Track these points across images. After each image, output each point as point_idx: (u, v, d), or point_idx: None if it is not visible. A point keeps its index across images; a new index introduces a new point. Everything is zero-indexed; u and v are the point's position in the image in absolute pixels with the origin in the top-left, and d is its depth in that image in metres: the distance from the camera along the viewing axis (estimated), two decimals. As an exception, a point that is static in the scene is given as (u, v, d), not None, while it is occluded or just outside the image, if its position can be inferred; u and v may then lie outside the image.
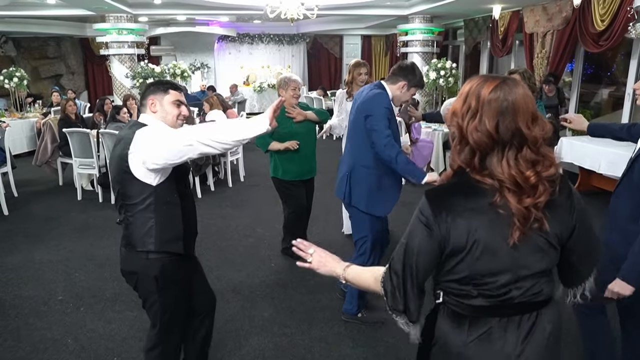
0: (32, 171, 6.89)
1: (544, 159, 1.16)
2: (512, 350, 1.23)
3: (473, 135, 1.14)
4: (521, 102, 1.14)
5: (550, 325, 1.27)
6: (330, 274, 1.43)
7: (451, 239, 1.18)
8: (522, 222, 1.14)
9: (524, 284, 1.22)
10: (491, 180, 1.15)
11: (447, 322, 1.28)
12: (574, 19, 6.73)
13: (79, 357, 2.77)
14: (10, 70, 8.74)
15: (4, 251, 4.30)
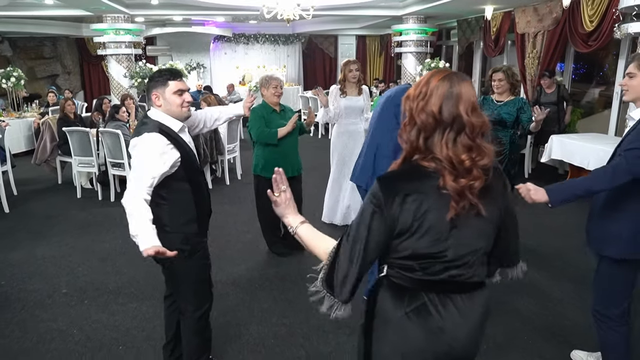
0: (31, 170, 6.96)
1: (479, 148, 1.28)
2: (445, 324, 1.34)
3: (420, 115, 1.29)
4: (464, 93, 1.28)
5: (482, 306, 1.41)
6: (283, 217, 1.48)
7: (400, 220, 1.29)
8: (456, 200, 1.26)
9: (462, 264, 1.34)
10: (434, 165, 1.28)
11: (388, 295, 1.38)
12: (563, 19, 6.88)
13: (85, 347, 2.87)
14: (7, 70, 8.78)
15: (6, 247, 4.38)
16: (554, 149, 6.09)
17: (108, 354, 2.80)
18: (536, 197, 2.02)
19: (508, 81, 3.83)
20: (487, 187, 1.31)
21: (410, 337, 1.35)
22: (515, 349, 2.82)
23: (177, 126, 2.17)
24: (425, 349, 1.35)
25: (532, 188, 2.03)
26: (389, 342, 1.38)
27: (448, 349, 1.35)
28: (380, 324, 1.40)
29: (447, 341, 1.35)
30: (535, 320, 3.11)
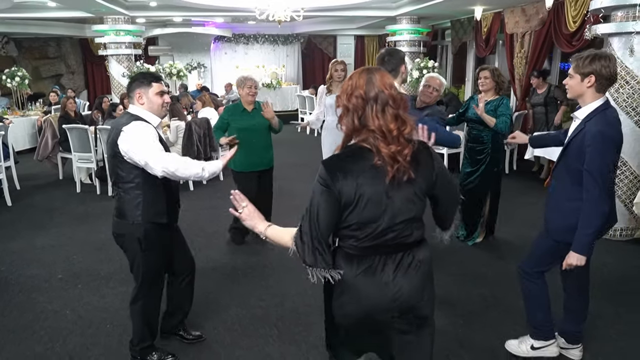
0: (33, 166, 7.24)
1: (403, 119, 1.55)
2: (389, 279, 1.61)
3: (351, 100, 1.55)
4: (381, 77, 1.57)
5: (421, 261, 1.66)
6: (253, 228, 1.75)
7: (344, 195, 1.54)
8: (391, 164, 1.50)
9: (398, 228, 1.59)
10: (371, 140, 1.53)
11: (341, 261, 1.64)
12: (549, 20, 7.06)
13: (75, 325, 3.12)
14: (12, 70, 9.08)
15: (6, 237, 4.65)
16: (536, 145, 6.28)
17: (96, 330, 3.04)
18: (581, 262, 2.27)
19: (493, 79, 4.01)
20: (415, 156, 1.56)
21: (362, 292, 1.62)
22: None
23: (155, 122, 2.42)
24: (375, 300, 1.62)
25: (571, 261, 2.29)
26: (345, 299, 1.65)
27: (394, 298, 1.62)
28: (337, 286, 1.64)
29: (393, 292, 1.61)
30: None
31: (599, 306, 3.25)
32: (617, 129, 2.23)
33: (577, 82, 2.25)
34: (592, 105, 2.26)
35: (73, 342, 2.93)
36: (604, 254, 4.15)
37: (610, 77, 2.20)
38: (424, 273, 1.67)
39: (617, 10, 4.27)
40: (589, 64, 2.19)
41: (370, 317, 1.65)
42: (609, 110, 2.25)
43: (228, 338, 2.95)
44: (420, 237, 1.68)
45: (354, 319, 1.67)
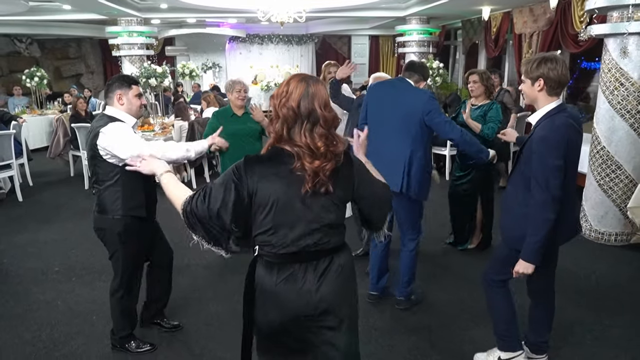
0: (47, 163, 7.53)
1: (333, 138, 1.57)
2: (311, 286, 1.62)
3: (282, 110, 1.55)
4: (318, 92, 1.56)
5: (342, 266, 1.68)
6: (151, 172, 1.88)
7: (257, 197, 1.56)
8: (312, 177, 1.53)
9: (315, 235, 1.60)
10: (296, 149, 1.53)
11: (262, 269, 1.65)
12: (556, 20, 6.97)
13: (64, 315, 3.27)
14: (31, 70, 9.43)
15: (13, 231, 4.88)
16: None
17: (83, 321, 3.19)
18: (528, 270, 2.25)
19: (482, 84, 3.95)
20: (337, 170, 1.58)
21: (283, 300, 1.63)
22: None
23: (131, 122, 2.55)
24: (298, 307, 1.63)
25: (519, 269, 2.26)
26: (268, 307, 1.65)
27: (316, 306, 1.63)
28: (259, 294, 1.66)
29: (316, 299, 1.62)
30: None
31: (581, 312, 3.26)
32: (564, 133, 2.15)
33: (529, 86, 2.24)
34: (543, 110, 2.24)
35: (59, 331, 3.08)
36: (596, 260, 4.12)
37: (559, 79, 2.17)
38: (344, 277, 1.69)
39: (612, 10, 4.21)
40: (536, 68, 2.18)
41: (294, 323, 1.65)
42: (559, 115, 2.19)
43: (204, 331, 3.06)
44: (340, 243, 1.69)
45: (278, 326, 1.66)
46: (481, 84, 3.96)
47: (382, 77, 3.64)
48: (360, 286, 3.36)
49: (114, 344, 2.84)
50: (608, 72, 4.34)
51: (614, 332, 3.04)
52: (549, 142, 2.13)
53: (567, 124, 2.18)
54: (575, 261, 4.05)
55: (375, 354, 2.83)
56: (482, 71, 4.12)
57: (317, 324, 1.66)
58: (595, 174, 4.51)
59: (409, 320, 3.19)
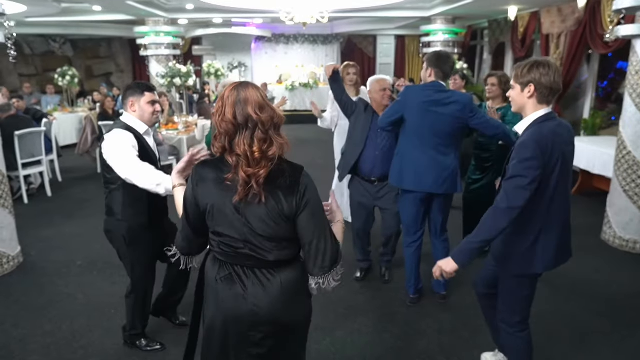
0: (76, 159, 7.77)
1: (270, 140, 1.54)
2: (244, 292, 1.62)
3: (222, 125, 1.55)
4: (250, 96, 1.54)
5: (284, 282, 1.63)
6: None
7: (200, 199, 1.61)
8: (242, 186, 1.52)
9: (253, 244, 1.59)
10: (232, 160, 1.54)
11: (209, 262, 1.73)
12: (585, 20, 6.78)
13: (84, 308, 3.39)
14: (63, 70, 9.74)
15: (41, 225, 5.07)
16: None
17: (101, 314, 3.30)
18: (448, 268, 2.10)
19: (500, 87, 3.90)
20: (274, 181, 1.55)
21: (222, 298, 1.66)
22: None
23: (142, 129, 2.61)
24: (234, 309, 1.64)
25: (441, 264, 2.13)
26: (211, 302, 1.71)
27: (253, 312, 1.62)
28: (206, 287, 1.73)
29: (250, 306, 1.62)
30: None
31: (598, 322, 3.19)
32: (549, 142, 1.98)
33: (518, 92, 2.09)
34: (530, 118, 2.08)
35: (79, 323, 3.19)
36: (617, 268, 4.01)
37: (551, 86, 2.01)
38: (286, 290, 1.64)
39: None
40: (527, 73, 2.03)
41: (230, 325, 1.66)
42: (548, 123, 2.03)
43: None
44: (285, 258, 1.65)
45: (216, 323, 1.68)
46: (499, 87, 3.93)
47: (384, 80, 3.52)
48: (383, 296, 3.34)
49: (125, 340, 2.93)
50: (635, 74, 4.22)
51: (632, 344, 2.96)
52: (526, 148, 1.98)
53: (555, 132, 2.01)
54: (596, 268, 3.96)
55: (383, 357, 2.84)
56: (502, 74, 4.07)
57: (252, 331, 1.65)
58: (621, 179, 4.38)
59: (420, 323, 3.18)
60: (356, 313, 3.30)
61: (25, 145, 5.74)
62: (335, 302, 3.43)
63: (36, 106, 8.58)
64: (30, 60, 12.12)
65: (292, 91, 13.38)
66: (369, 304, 3.44)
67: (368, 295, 3.56)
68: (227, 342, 1.69)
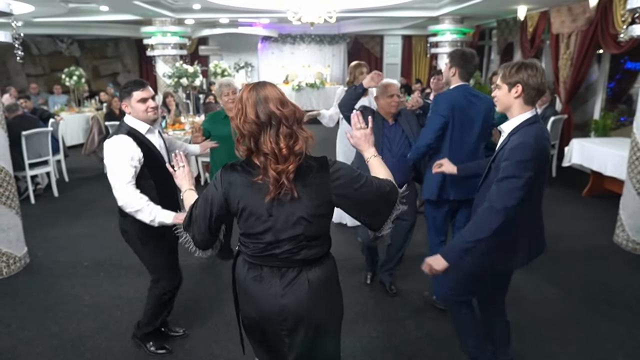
0: (83, 160, 7.77)
1: (295, 135, 1.55)
2: (275, 292, 1.65)
3: (245, 127, 1.55)
4: (269, 94, 1.55)
5: (312, 280, 1.66)
6: (181, 187, 2.03)
7: (230, 202, 1.63)
8: (274, 184, 1.53)
9: (283, 245, 1.62)
10: (259, 160, 1.55)
11: (240, 264, 1.75)
12: (596, 20, 6.69)
13: (91, 309, 3.36)
14: (70, 70, 9.75)
15: (47, 225, 5.06)
16: (574, 153, 5.99)
17: (108, 316, 3.27)
18: (438, 266, 2.10)
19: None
20: (305, 175, 1.56)
21: (252, 297, 1.70)
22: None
23: (144, 129, 2.54)
24: (264, 308, 1.68)
25: (430, 261, 2.12)
26: (242, 299, 1.77)
27: (280, 311, 1.66)
28: (237, 285, 1.78)
29: (279, 305, 1.65)
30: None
31: (612, 326, 3.12)
32: (541, 144, 2.04)
33: (505, 92, 2.10)
34: (520, 118, 2.09)
35: (85, 325, 3.16)
36: (631, 272, 3.94)
37: (538, 87, 2.04)
38: (315, 291, 1.67)
39: (656, 10, 4.00)
40: (515, 73, 2.05)
41: (264, 321, 1.71)
42: (535, 125, 2.07)
43: (224, 332, 3.08)
44: (314, 256, 1.67)
45: (252, 319, 1.74)
46: None
47: (392, 85, 3.27)
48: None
49: (135, 334, 2.90)
50: (650, 74, 4.13)
51: (648, 350, 2.89)
52: (526, 150, 1.99)
53: (543, 137, 2.06)
54: (609, 272, 3.89)
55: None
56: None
57: (283, 328, 1.69)
58: (635, 181, 4.30)
59: (431, 329, 3.12)
60: (366, 318, 3.25)
61: (32, 145, 5.74)
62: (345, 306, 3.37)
63: (43, 106, 8.59)
64: (37, 60, 12.15)
65: (299, 91, 13.35)
66: (378, 308, 3.38)
67: (378, 299, 3.50)
68: (266, 337, 1.76)
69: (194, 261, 3.94)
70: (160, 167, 2.56)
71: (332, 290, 1.75)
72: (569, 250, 4.32)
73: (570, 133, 7.35)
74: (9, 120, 5.48)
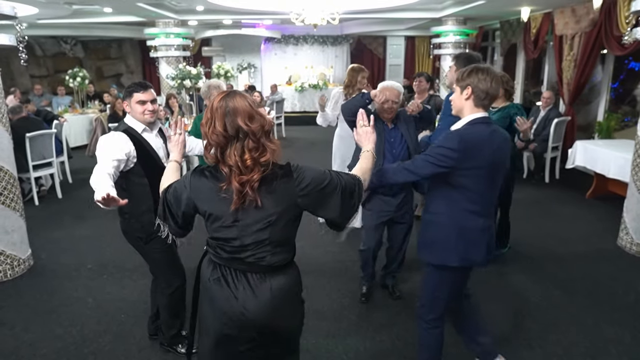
0: (86, 161, 7.77)
1: (263, 147, 1.57)
2: (237, 294, 1.66)
3: (212, 137, 1.56)
4: (239, 106, 1.55)
5: (275, 288, 1.67)
6: (170, 152, 2.08)
7: (200, 207, 1.66)
8: (237, 195, 1.56)
9: (248, 249, 1.64)
10: (225, 170, 1.58)
11: (205, 264, 1.77)
12: (600, 21, 6.68)
13: (94, 312, 3.37)
14: (74, 71, 9.79)
15: (51, 227, 5.07)
16: (577, 155, 5.97)
17: (111, 319, 3.27)
18: None
19: (502, 87, 3.86)
20: (270, 182, 1.59)
21: (214, 298, 1.71)
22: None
23: (140, 128, 2.56)
24: (224, 310, 1.68)
25: None
26: (205, 301, 1.76)
27: (241, 314, 1.66)
28: (201, 285, 1.79)
29: (240, 308, 1.66)
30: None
31: (617, 331, 3.11)
32: (480, 144, 2.09)
33: (457, 94, 2.20)
34: (467, 118, 2.18)
35: (89, 328, 3.17)
36: (636, 275, 3.92)
37: (487, 91, 2.12)
38: (276, 296, 1.67)
39: (660, 13, 3.98)
40: (467, 77, 2.15)
41: (223, 325, 1.69)
42: (481, 126, 2.14)
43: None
44: (278, 263, 1.68)
45: (211, 322, 1.73)
46: (501, 87, 3.86)
47: (391, 90, 3.19)
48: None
49: (163, 343, 2.89)
50: (654, 77, 4.11)
51: (653, 354, 2.88)
52: (452, 139, 2.09)
53: (486, 137, 2.11)
54: (613, 276, 3.87)
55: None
56: (502, 74, 4.02)
57: (242, 333, 1.69)
58: (639, 184, 4.29)
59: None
60: (369, 321, 3.25)
61: (36, 147, 5.76)
62: (347, 308, 3.38)
63: (47, 107, 8.62)
64: (41, 61, 12.19)
65: (302, 92, 13.34)
66: (381, 311, 3.38)
67: (381, 302, 3.50)
68: (219, 340, 1.73)
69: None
70: (154, 165, 2.56)
71: (293, 299, 1.76)
72: (572, 253, 4.31)
73: (573, 135, 7.33)
74: (13, 122, 5.49)
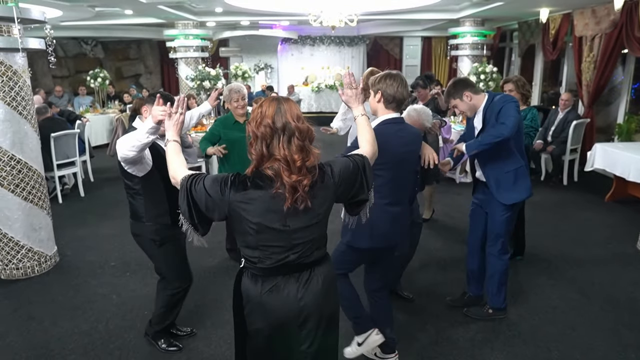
0: (107, 160, 7.92)
1: (308, 151, 1.64)
2: (294, 296, 1.73)
3: (259, 129, 1.63)
4: (289, 108, 1.66)
5: (322, 276, 1.79)
6: (167, 130, 1.92)
7: (241, 216, 1.63)
8: (290, 192, 1.60)
9: (297, 251, 1.71)
10: (275, 167, 1.59)
11: (247, 281, 1.77)
12: (621, 22, 6.60)
13: (119, 308, 3.47)
14: (95, 72, 9.98)
15: (75, 225, 5.21)
16: (597, 157, 5.91)
17: (135, 316, 3.37)
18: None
19: (518, 91, 3.85)
20: (315, 184, 1.66)
21: (268, 309, 1.74)
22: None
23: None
24: (282, 314, 1.74)
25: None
26: (255, 315, 1.78)
27: (301, 311, 1.75)
28: (246, 304, 1.79)
29: (299, 306, 1.74)
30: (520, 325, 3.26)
31: (636, 336, 3.09)
32: (383, 139, 2.14)
33: (372, 97, 2.46)
34: (380, 119, 2.44)
35: (114, 323, 3.27)
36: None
37: (394, 95, 2.38)
38: (325, 283, 1.79)
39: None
40: (377, 82, 2.41)
41: (279, 331, 1.76)
42: (390, 125, 2.40)
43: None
44: (321, 255, 1.81)
45: (265, 334, 1.78)
46: (517, 92, 3.86)
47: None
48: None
49: (147, 333, 3.01)
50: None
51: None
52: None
53: (393, 134, 2.38)
54: (633, 281, 3.85)
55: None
56: (517, 78, 4.02)
57: (302, 329, 1.78)
58: (659, 188, 4.25)
59: (450, 333, 3.14)
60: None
61: (60, 147, 5.91)
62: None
63: (69, 108, 8.81)
64: (63, 62, 12.46)
65: (318, 93, 13.40)
66: (396, 311, 3.41)
67: (395, 302, 3.53)
68: (274, 349, 1.80)
69: (202, 264, 4.02)
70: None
71: (334, 283, 1.89)
72: (591, 257, 4.29)
73: (593, 137, 7.26)
74: (38, 122, 5.64)
